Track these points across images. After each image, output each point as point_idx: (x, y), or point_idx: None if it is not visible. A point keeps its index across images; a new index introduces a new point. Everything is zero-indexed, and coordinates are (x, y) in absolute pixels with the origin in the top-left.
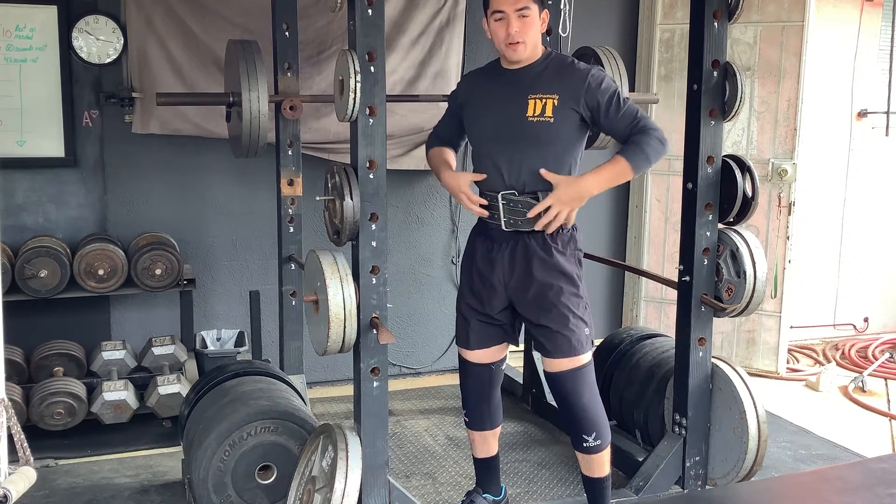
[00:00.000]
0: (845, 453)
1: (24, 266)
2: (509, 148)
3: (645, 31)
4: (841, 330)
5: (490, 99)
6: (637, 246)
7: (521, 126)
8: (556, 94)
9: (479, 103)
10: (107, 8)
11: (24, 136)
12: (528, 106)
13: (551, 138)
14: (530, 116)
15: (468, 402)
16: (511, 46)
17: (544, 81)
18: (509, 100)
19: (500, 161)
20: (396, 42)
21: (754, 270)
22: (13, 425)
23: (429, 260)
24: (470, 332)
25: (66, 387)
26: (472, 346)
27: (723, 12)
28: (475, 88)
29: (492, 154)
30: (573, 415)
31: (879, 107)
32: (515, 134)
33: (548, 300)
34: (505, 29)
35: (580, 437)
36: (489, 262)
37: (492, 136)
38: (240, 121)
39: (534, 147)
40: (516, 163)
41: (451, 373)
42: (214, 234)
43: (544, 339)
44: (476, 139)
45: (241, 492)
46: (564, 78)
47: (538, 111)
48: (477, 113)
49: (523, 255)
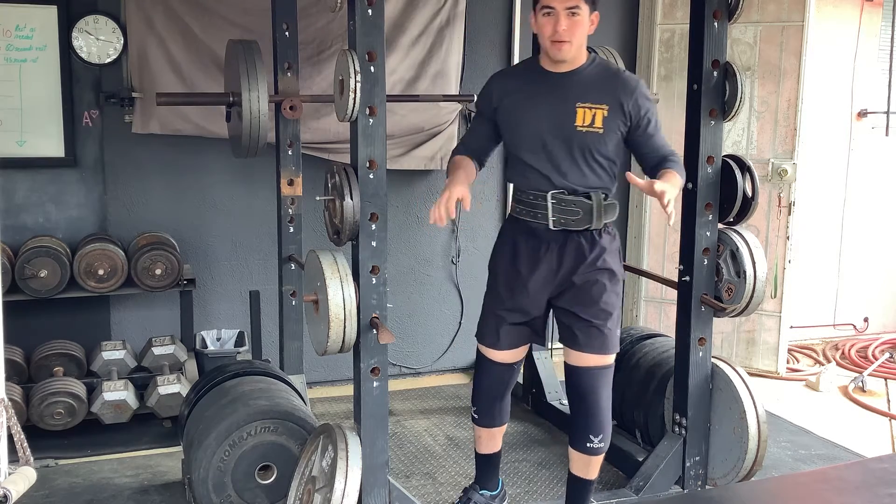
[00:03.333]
0: (845, 453)
1: (24, 266)
2: (556, 156)
3: (645, 31)
4: (841, 330)
5: (533, 104)
6: (637, 246)
7: (570, 135)
8: (605, 104)
9: (519, 108)
10: (107, 8)
11: (24, 136)
12: (577, 115)
13: (601, 148)
14: (580, 126)
15: (482, 400)
16: (556, 45)
17: (593, 89)
18: (556, 106)
19: (545, 168)
20: (396, 42)
21: (754, 270)
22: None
23: (429, 260)
24: (502, 332)
25: (66, 387)
26: (501, 346)
27: (723, 12)
28: (513, 91)
29: (536, 161)
30: (588, 412)
31: (879, 107)
32: (564, 143)
33: (593, 295)
34: (552, 26)
35: (587, 436)
36: (534, 260)
37: (536, 145)
38: (240, 121)
39: (584, 156)
40: (564, 169)
41: (450, 373)
42: (214, 234)
43: (580, 332)
44: (517, 145)
45: (241, 492)
46: (614, 87)
47: (587, 121)
48: (518, 118)
49: (573, 253)
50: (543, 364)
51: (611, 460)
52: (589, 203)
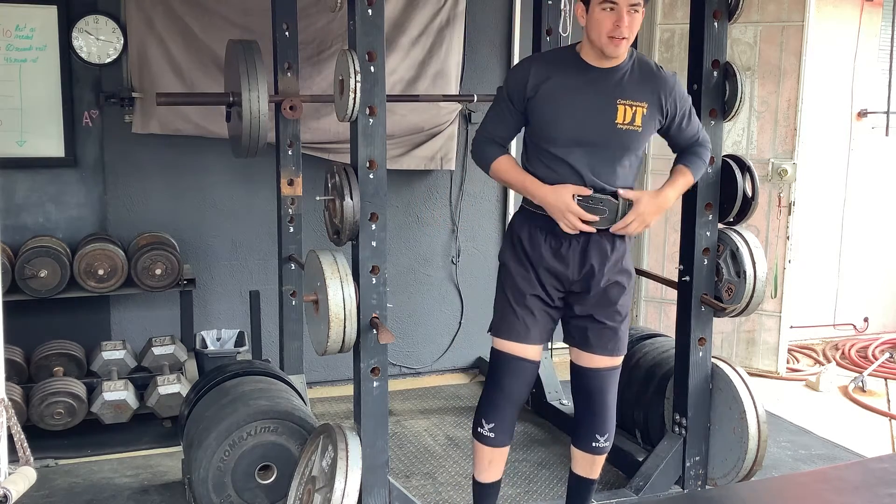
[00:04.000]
0: (845, 453)
1: (24, 266)
2: (592, 152)
3: (645, 31)
4: (841, 330)
5: (574, 97)
6: (637, 246)
7: (609, 132)
8: (645, 102)
9: (558, 99)
10: (107, 8)
11: (24, 136)
12: (618, 112)
13: (636, 147)
14: (620, 124)
15: (500, 412)
16: (614, 41)
17: (633, 86)
18: (597, 101)
19: (578, 163)
20: (396, 42)
21: (754, 270)
22: (13, 425)
23: (429, 260)
24: (532, 325)
25: (66, 387)
26: (532, 339)
27: (723, 12)
28: (551, 80)
29: (569, 155)
30: (596, 412)
31: (879, 107)
32: (602, 140)
33: (611, 298)
34: (613, 21)
35: (593, 436)
36: (559, 258)
37: (574, 139)
38: (240, 121)
39: (619, 153)
40: (597, 166)
41: (450, 373)
42: (214, 234)
43: (594, 333)
44: (550, 138)
45: (241, 492)
46: (653, 85)
47: (628, 119)
48: (556, 110)
49: (596, 253)
50: (544, 364)
51: (611, 460)
52: (616, 203)
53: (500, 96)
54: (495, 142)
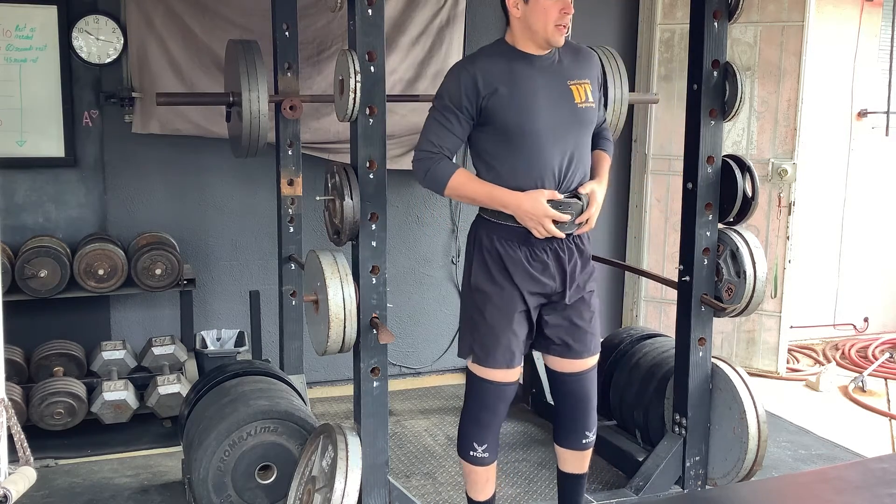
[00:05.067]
0: (845, 453)
1: (24, 266)
2: (563, 140)
3: (645, 31)
4: (841, 330)
5: (533, 87)
6: (637, 246)
7: (574, 114)
8: (586, 78)
9: (518, 92)
10: (107, 8)
11: (24, 136)
12: (574, 92)
13: (594, 122)
14: (580, 103)
15: (489, 432)
16: (560, 29)
17: (572, 66)
18: (554, 87)
19: (551, 154)
20: (396, 42)
21: (754, 270)
22: (13, 425)
23: (429, 260)
24: (516, 347)
25: (66, 387)
26: (517, 362)
27: (723, 12)
28: (504, 76)
29: (541, 148)
30: (585, 412)
31: (879, 107)
32: (570, 123)
33: (585, 302)
34: (559, 10)
35: (583, 433)
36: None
37: (544, 128)
38: (240, 121)
39: (584, 135)
40: (568, 155)
41: (451, 373)
42: (214, 234)
43: (574, 339)
44: (518, 138)
45: (241, 492)
46: (586, 62)
47: (582, 97)
48: (521, 103)
49: (570, 258)
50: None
51: (611, 460)
52: (580, 203)
53: (443, 106)
54: (445, 156)
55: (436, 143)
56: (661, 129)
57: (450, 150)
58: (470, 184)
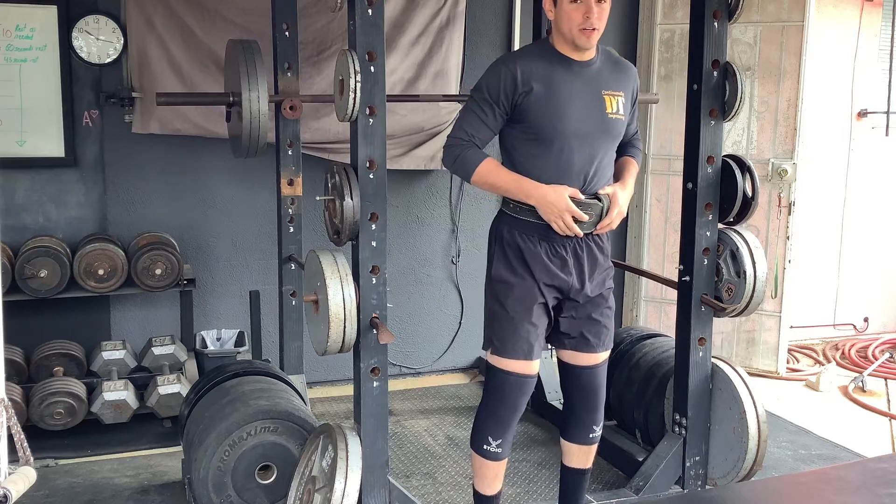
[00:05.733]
0: (845, 453)
1: (24, 266)
2: (589, 145)
3: (645, 31)
4: (841, 330)
5: (569, 90)
6: (637, 246)
7: (603, 123)
8: (621, 91)
9: (555, 93)
10: (107, 8)
11: (24, 136)
12: (606, 102)
13: (621, 135)
14: (610, 113)
15: (505, 428)
16: (586, 33)
17: (610, 77)
18: (588, 94)
19: (577, 159)
20: (396, 42)
21: (754, 270)
22: (13, 425)
23: (429, 260)
24: (535, 339)
25: (66, 387)
26: (536, 354)
27: (723, 12)
28: (543, 76)
29: (569, 151)
30: (595, 405)
31: (879, 107)
32: (598, 131)
33: (603, 297)
34: (582, 13)
35: (591, 427)
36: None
37: (574, 132)
38: (240, 121)
39: (610, 146)
40: (593, 160)
41: (451, 373)
42: (214, 234)
43: (592, 334)
44: (549, 136)
45: (241, 492)
46: (624, 75)
47: (614, 108)
48: (557, 104)
49: (588, 255)
50: (543, 364)
51: (611, 460)
52: (601, 205)
53: (481, 97)
54: (476, 145)
55: (468, 132)
56: (661, 129)
57: (481, 141)
58: (498, 172)
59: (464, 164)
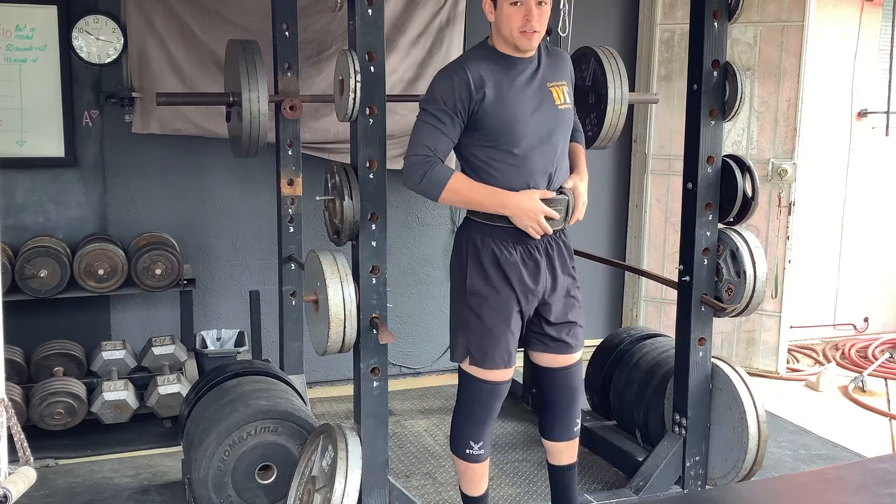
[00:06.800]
0: (845, 453)
1: (24, 266)
2: (549, 142)
3: (645, 31)
4: (841, 330)
5: (519, 92)
6: (637, 246)
7: (557, 116)
8: (563, 80)
9: (506, 98)
10: (107, 8)
11: (24, 136)
12: (554, 95)
13: (571, 124)
14: (560, 105)
15: (485, 430)
16: (526, 35)
17: (550, 68)
18: (537, 90)
19: (540, 159)
20: (396, 42)
21: (754, 270)
22: (13, 425)
23: (429, 260)
24: (512, 347)
25: (66, 387)
26: (513, 361)
27: (723, 12)
28: (492, 81)
29: (532, 153)
30: (576, 402)
31: (879, 107)
32: (554, 125)
33: (572, 296)
34: (523, 16)
35: (573, 422)
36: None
37: (533, 133)
38: (240, 121)
39: (565, 136)
40: (554, 157)
41: (451, 373)
42: (214, 234)
43: (568, 335)
44: (514, 136)
45: (241, 492)
46: (560, 62)
47: (562, 99)
48: (510, 109)
49: (557, 255)
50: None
51: (611, 460)
52: (567, 199)
53: (436, 108)
54: (439, 159)
55: (430, 147)
56: (661, 129)
57: (443, 153)
58: (470, 187)
59: (431, 182)
